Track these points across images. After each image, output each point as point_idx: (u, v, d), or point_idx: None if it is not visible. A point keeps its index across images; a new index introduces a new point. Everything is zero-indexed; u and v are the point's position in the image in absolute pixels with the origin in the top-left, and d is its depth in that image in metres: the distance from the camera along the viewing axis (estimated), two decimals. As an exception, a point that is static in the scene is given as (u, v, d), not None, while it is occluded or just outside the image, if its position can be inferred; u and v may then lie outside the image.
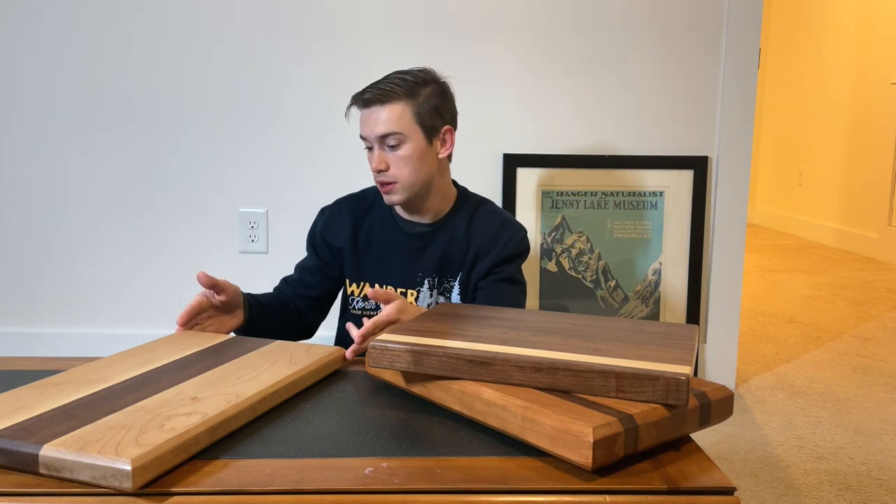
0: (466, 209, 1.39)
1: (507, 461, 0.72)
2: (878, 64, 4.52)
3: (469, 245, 1.36)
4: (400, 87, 1.27)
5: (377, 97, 1.27)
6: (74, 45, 2.19)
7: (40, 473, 0.67)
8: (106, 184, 2.24)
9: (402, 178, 1.29)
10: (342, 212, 1.41)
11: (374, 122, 1.27)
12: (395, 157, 1.28)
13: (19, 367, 1.02)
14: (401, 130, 1.27)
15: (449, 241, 1.36)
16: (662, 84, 2.17)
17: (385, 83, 1.28)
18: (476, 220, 1.38)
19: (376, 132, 1.27)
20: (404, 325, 0.95)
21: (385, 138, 1.27)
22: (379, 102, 1.27)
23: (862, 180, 4.66)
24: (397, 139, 1.27)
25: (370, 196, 1.42)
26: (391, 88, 1.27)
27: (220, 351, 1.00)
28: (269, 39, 2.18)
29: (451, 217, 1.38)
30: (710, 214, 2.20)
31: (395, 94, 1.27)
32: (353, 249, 1.38)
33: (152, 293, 2.28)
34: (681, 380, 0.74)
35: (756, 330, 2.91)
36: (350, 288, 1.40)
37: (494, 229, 1.37)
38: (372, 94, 1.27)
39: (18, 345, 2.29)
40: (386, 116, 1.26)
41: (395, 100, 1.27)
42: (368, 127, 1.28)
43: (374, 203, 1.41)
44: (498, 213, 1.42)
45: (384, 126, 1.27)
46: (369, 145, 1.30)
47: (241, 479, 0.68)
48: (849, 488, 1.63)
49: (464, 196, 1.41)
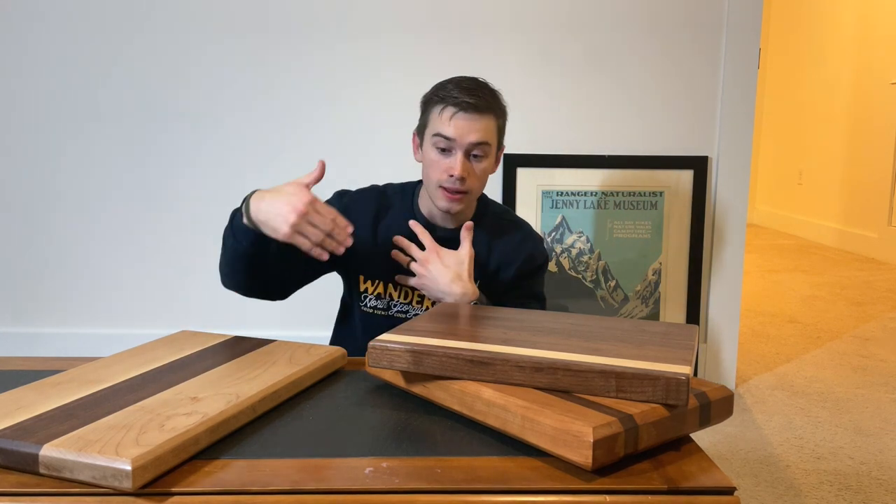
0: (489, 219, 1.39)
1: (507, 461, 0.72)
2: (878, 64, 4.52)
3: (490, 254, 1.37)
4: (495, 100, 1.27)
5: (480, 105, 1.24)
6: (75, 45, 2.19)
7: (40, 473, 0.67)
8: (106, 184, 2.24)
9: (475, 189, 1.29)
10: (365, 202, 1.37)
11: (470, 129, 1.24)
12: (476, 167, 1.27)
13: (19, 367, 1.02)
14: (491, 143, 1.27)
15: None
16: (662, 84, 2.17)
17: (482, 93, 1.26)
18: (499, 230, 1.39)
19: (470, 139, 1.24)
20: (404, 325, 0.95)
21: (475, 147, 1.25)
22: (480, 111, 1.24)
23: (862, 180, 4.66)
24: (484, 151, 1.27)
25: (390, 195, 1.39)
26: (490, 100, 1.26)
27: (220, 351, 1.00)
28: (270, 39, 2.18)
29: (475, 225, 1.36)
30: (710, 214, 2.20)
31: (492, 107, 1.26)
32: (371, 245, 1.34)
33: (152, 293, 2.28)
34: (681, 380, 0.74)
35: (756, 330, 2.91)
36: (364, 285, 1.36)
37: (517, 242, 1.38)
38: (477, 101, 1.24)
39: (18, 345, 2.29)
40: (483, 126, 1.25)
41: (492, 112, 1.26)
42: (461, 131, 1.24)
43: (393, 203, 1.38)
44: (520, 226, 1.43)
45: (480, 135, 1.25)
46: (447, 147, 1.26)
47: (241, 479, 0.68)
48: (849, 488, 1.63)
49: (485, 204, 1.41)
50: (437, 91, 1.28)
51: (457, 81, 1.27)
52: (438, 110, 1.26)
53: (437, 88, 1.29)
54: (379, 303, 1.36)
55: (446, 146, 1.26)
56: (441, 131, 1.25)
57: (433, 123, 1.27)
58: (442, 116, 1.25)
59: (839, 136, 4.98)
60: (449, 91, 1.26)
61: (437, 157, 1.27)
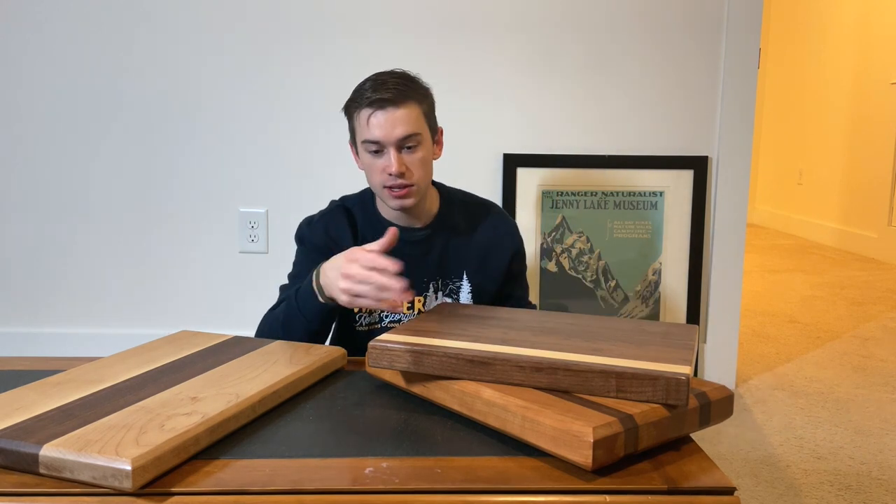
0: (458, 207, 1.37)
1: (507, 461, 0.72)
2: (878, 64, 4.52)
3: (471, 241, 1.36)
4: (409, 87, 1.23)
5: (395, 97, 1.20)
6: (77, 47, 2.19)
7: (40, 473, 0.67)
8: (106, 184, 2.24)
9: (420, 180, 1.25)
10: (338, 219, 1.34)
11: (393, 124, 1.20)
12: (412, 159, 1.24)
13: (19, 367, 1.02)
14: (419, 131, 1.24)
15: (448, 241, 1.34)
16: (663, 84, 2.17)
17: (393, 83, 1.22)
18: (473, 216, 1.38)
19: (396, 134, 1.21)
20: (404, 325, 0.95)
21: (404, 140, 1.22)
22: (395, 104, 1.21)
23: (862, 180, 4.66)
24: (416, 140, 1.23)
25: (352, 208, 1.36)
26: (404, 89, 1.22)
27: (220, 351, 1.00)
28: (269, 40, 2.18)
29: (445, 217, 1.35)
30: (710, 214, 2.20)
31: (409, 95, 1.22)
32: None
33: (152, 293, 2.28)
34: (681, 380, 0.74)
35: (756, 330, 2.91)
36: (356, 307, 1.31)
37: (493, 221, 1.39)
38: (390, 94, 1.20)
39: (18, 345, 2.29)
40: (405, 117, 1.21)
41: (410, 100, 1.22)
42: (384, 129, 1.21)
43: (357, 216, 1.35)
44: (489, 207, 1.42)
45: (405, 127, 1.21)
46: (377, 149, 1.23)
47: (241, 479, 0.68)
48: (849, 488, 1.63)
49: (445, 193, 1.39)
50: (353, 96, 1.25)
51: (372, 80, 1.24)
52: (358, 115, 1.23)
53: (353, 93, 1.25)
54: (371, 318, 1.33)
55: (377, 148, 1.23)
56: (366, 136, 1.22)
57: (359, 130, 1.24)
58: (363, 120, 1.22)
59: (839, 136, 4.98)
60: (363, 93, 1.22)
61: (372, 160, 1.24)
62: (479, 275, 1.36)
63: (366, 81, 1.25)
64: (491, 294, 1.38)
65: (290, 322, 1.17)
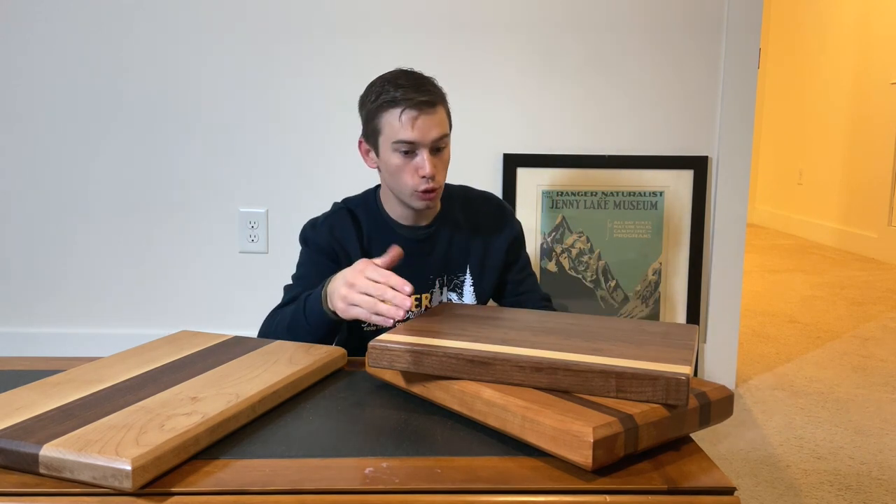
0: (455, 202, 1.38)
1: (507, 461, 0.72)
2: (878, 64, 4.52)
3: (473, 234, 1.37)
4: (439, 88, 1.25)
5: (433, 99, 1.21)
6: (76, 46, 2.19)
7: (40, 473, 0.67)
8: (106, 184, 2.24)
9: (442, 182, 1.27)
10: (343, 221, 1.33)
11: (430, 126, 1.21)
12: (439, 160, 1.25)
13: (19, 367, 1.02)
14: (448, 133, 1.26)
15: (451, 237, 1.35)
16: (662, 84, 2.17)
17: (429, 86, 1.23)
18: (470, 208, 1.39)
19: (432, 136, 1.21)
20: (404, 325, 0.95)
21: (437, 141, 1.23)
22: (433, 105, 1.21)
23: (862, 180, 4.66)
24: (445, 142, 1.25)
25: (355, 210, 1.35)
26: (435, 90, 1.24)
27: (220, 351, 1.00)
28: (269, 39, 2.18)
29: (446, 213, 1.36)
30: (710, 214, 2.20)
31: (441, 96, 1.25)
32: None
33: (152, 293, 2.28)
34: (681, 380, 0.74)
35: (756, 330, 2.91)
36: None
37: (492, 211, 1.40)
38: (429, 97, 1.21)
39: (18, 345, 2.29)
40: (439, 119, 1.23)
41: (441, 101, 1.24)
42: (423, 131, 1.20)
43: (361, 218, 1.35)
44: (486, 197, 1.43)
45: (439, 129, 1.22)
46: (410, 149, 1.21)
47: (241, 479, 0.68)
48: (849, 488, 1.63)
49: (446, 189, 1.39)
50: (381, 94, 1.22)
51: (396, 80, 1.23)
52: (394, 115, 1.21)
53: (379, 91, 1.23)
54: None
55: (409, 149, 1.22)
56: (403, 137, 1.21)
57: (390, 130, 1.22)
58: (396, 120, 1.20)
59: (839, 136, 4.98)
60: (395, 92, 1.20)
61: (402, 160, 1.23)
62: (481, 266, 1.37)
63: (389, 81, 1.23)
64: (494, 284, 1.39)
65: (295, 326, 1.18)
